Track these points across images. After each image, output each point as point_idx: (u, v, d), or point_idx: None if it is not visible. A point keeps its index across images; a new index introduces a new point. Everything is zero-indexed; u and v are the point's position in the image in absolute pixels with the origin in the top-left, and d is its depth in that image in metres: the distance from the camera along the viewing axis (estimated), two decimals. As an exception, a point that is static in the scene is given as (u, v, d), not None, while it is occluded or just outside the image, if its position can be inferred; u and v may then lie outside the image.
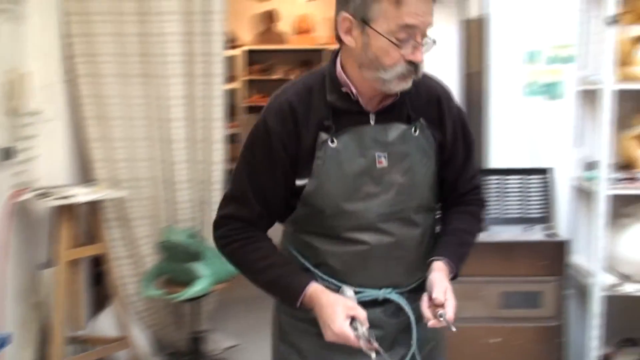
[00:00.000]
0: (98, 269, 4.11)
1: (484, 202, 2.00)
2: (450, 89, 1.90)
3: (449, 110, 1.84)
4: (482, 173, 2.78)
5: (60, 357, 3.55)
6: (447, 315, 1.67)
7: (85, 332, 3.95)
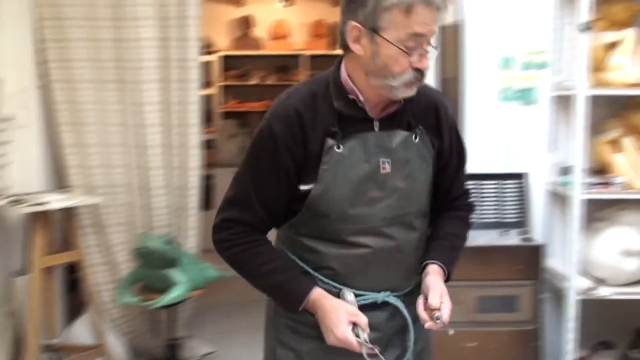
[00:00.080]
0: (73, 276, 4.07)
1: (473, 207, 2.06)
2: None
3: (446, 119, 1.89)
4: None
5: (35, 365, 3.51)
6: (443, 318, 1.73)
7: (60, 340, 3.91)
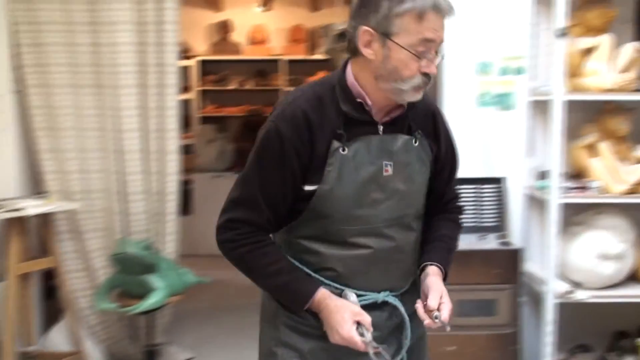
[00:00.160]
0: (50, 283, 4.04)
1: (463, 209, 2.12)
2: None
3: (442, 125, 1.97)
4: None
5: (11, 373, 3.48)
6: (442, 317, 1.78)
7: (37, 347, 3.87)
